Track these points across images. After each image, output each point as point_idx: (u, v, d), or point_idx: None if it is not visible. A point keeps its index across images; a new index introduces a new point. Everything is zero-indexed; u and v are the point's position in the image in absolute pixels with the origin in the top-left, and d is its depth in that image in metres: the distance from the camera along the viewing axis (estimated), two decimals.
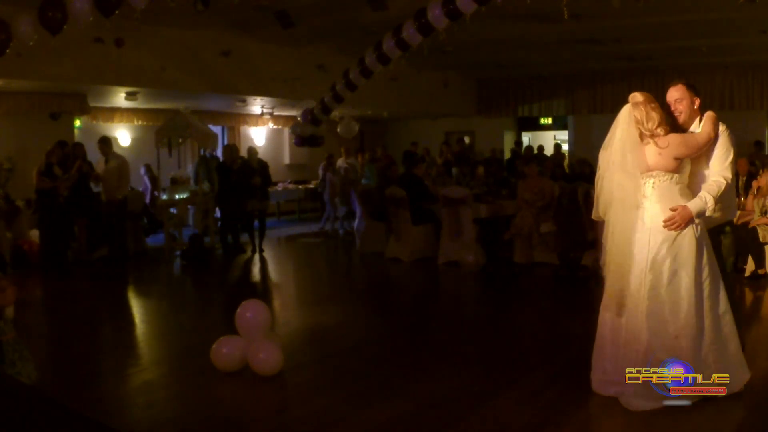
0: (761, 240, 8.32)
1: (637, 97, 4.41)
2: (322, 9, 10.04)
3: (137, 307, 8.46)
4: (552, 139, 20.43)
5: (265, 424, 4.42)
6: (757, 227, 8.33)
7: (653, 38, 12.48)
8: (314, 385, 5.04)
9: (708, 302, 4.28)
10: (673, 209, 4.23)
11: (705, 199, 4.25)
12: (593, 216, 4.61)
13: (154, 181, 13.39)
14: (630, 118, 4.35)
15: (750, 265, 8.39)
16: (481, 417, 4.30)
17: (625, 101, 4.52)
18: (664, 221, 4.22)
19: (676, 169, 4.29)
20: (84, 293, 8.98)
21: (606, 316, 4.46)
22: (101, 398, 4.84)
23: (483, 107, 19.12)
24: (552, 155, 17.04)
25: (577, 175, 12.67)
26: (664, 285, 4.23)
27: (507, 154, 19.18)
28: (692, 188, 4.36)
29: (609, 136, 4.44)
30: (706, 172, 4.39)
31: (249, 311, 5.30)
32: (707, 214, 4.28)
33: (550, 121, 20.46)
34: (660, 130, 4.30)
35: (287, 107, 15.54)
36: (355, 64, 10.38)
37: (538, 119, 20.33)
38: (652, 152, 4.30)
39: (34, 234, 10.44)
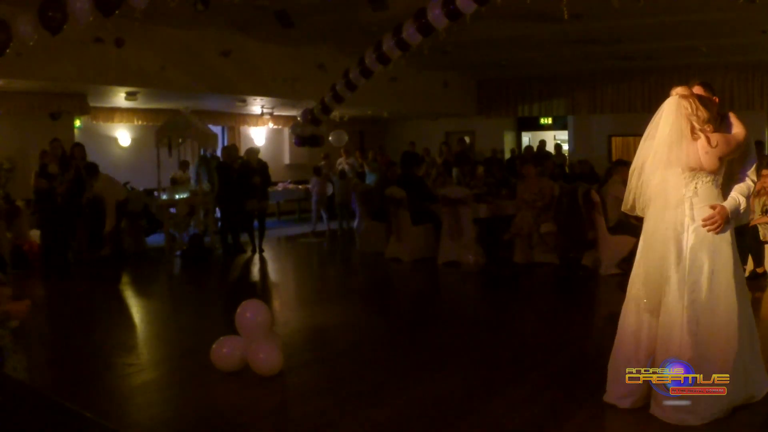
0: (762, 239, 8.32)
1: (681, 90, 4.16)
2: (322, 9, 10.03)
3: (137, 307, 8.46)
4: (552, 139, 20.44)
5: (265, 424, 4.42)
6: (758, 226, 8.34)
7: (653, 38, 12.48)
8: (314, 385, 5.04)
9: (742, 306, 4.17)
10: (712, 207, 4.10)
11: (738, 200, 4.15)
12: (622, 208, 4.42)
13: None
14: (679, 110, 4.09)
15: (749, 265, 8.39)
16: (481, 417, 4.30)
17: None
18: (704, 220, 4.08)
19: (718, 170, 4.14)
20: (84, 293, 8.97)
21: (628, 320, 4.28)
22: (101, 398, 4.84)
23: (483, 107, 19.11)
24: (553, 156, 17.05)
25: (577, 175, 12.67)
26: (704, 289, 4.09)
27: (507, 154, 19.20)
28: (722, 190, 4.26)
29: (651, 126, 4.20)
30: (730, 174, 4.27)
31: (249, 311, 5.29)
32: (739, 216, 4.23)
33: (550, 121, 20.45)
34: (708, 127, 4.09)
35: (287, 107, 15.55)
36: (355, 64, 10.38)
37: (538, 119, 20.33)
38: (700, 149, 4.07)
39: (34, 234, 10.44)
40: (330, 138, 14.53)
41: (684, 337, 4.07)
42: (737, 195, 4.17)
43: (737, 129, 4.23)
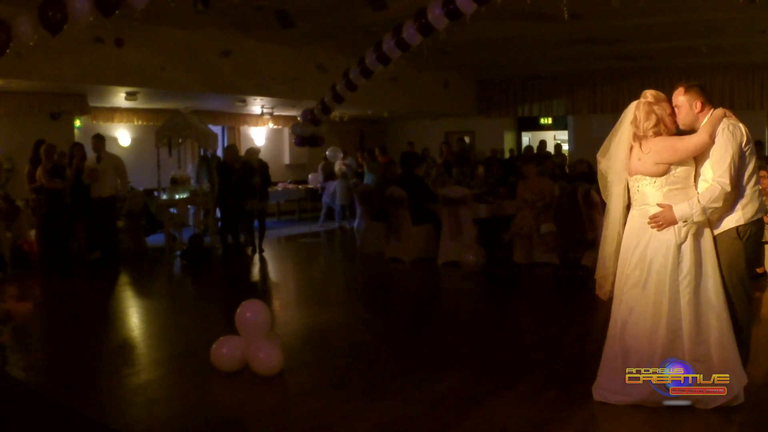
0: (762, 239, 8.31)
1: (647, 95, 4.37)
2: (322, 9, 10.04)
3: (137, 307, 8.46)
4: (552, 139, 20.42)
5: (265, 424, 4.42)
6: None
7: (653, 38, 12.48)
8: (314, 385, 5.04)
9: (689, 307, 4.18)
10: (661, 205, 4.23)
11: (692, 205, 4.17)
12: (602, 196, 4.65)
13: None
14: (627, 116, 4.36)
15: None
16: (481, 417, 4.30)
17: (624, 101, 4.51)
18: (650, 218, 4.24)
19: (662, 174, 4.24)
20: (84, 293, 8.98)
21: (617, 317, 4.42)
22: (101, 398, 4.83)
23: (483, 107, 19.12)
24: (553, 156, 17.05)
25: (577, 175, 12.65)
26: (640, 287, 4.26)
27: (507, 155, 19.21)
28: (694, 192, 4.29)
29: (616, 126, 4.46)
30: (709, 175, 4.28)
31: (249, 311, 5.30)
32: (695, 219, 4.19)
33: (550, 121, 20.45)
34: (651, 132, 4.25)
35: (287, 107, 15.55)
36: (355, 64, 10.38)
37: (538, 119, 20.33)
38: (634, 156, 4.30)
39: (34, 234, 10.44)
40: (327, 153, 14.81)
41: (618, 327, 4.35)
42: (695, 200, 4.21)
43: (699, 132, 4.25)
